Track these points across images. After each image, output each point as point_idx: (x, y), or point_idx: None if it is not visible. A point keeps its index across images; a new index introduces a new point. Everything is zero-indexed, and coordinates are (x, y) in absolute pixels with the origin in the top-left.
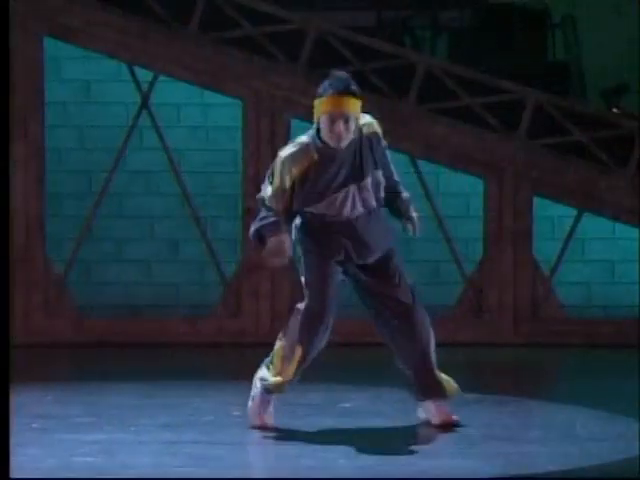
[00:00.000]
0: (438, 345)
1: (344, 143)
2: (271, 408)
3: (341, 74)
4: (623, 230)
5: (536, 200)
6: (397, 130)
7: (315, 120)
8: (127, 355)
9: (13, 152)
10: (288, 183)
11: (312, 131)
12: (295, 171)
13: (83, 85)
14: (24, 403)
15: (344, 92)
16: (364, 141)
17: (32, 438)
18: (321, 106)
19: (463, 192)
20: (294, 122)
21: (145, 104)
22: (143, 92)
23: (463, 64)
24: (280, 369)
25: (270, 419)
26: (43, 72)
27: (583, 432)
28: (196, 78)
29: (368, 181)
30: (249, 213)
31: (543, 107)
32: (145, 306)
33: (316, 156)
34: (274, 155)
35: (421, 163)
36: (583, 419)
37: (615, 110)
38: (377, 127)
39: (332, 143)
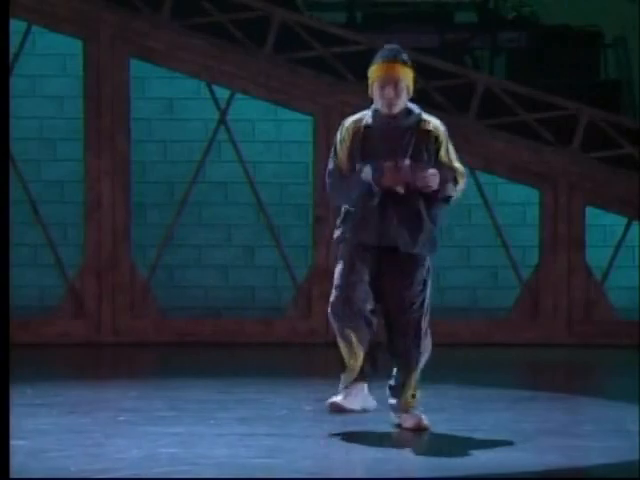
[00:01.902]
0: (497, 345)
1: (395, 109)
2: (353, 396)
3: (392, 45)
4: None
5: (589, 210)
6: (458, 144)
7: (369, 91)
8: (206, 353)
9: (101, 166)
10: (346, 152)
11: (372, 108)
12: (347, 136)
13: (166, 103)
14: (110, 398)
15: (392, 59)
16: (420, 132)
17: (118, 430)
18: (372, 74)
19: (520, 202)
20: None
21: (223, 120)
22: (221, 109)
23: (520, 82)
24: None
25: (351, 403)
26: (129, 91)
27: (632, 427)
28: (270, 96)
29: (414, 161)
30: (319, 221)
31: (595, 122)
32: (223, 308)
33: (369, 122)
34: None
35: (480, 175)
36: (632, 415)
37: None
38: (440, 130)
39: (383, 109)
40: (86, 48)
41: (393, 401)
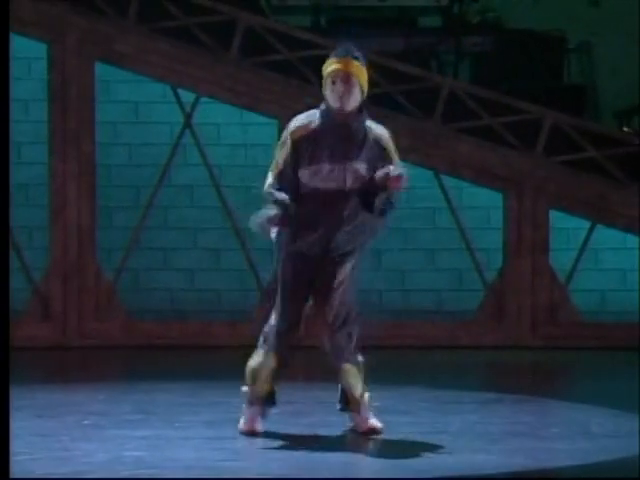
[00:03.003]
0: (462, 348)
1: (345, 104)
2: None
3: (347, 43)
4: (634, 241)
5: (552, 213)
6: (423, 148)
7: (323, 88)
8: (173, 356)
9: (67, 169)
10: (286, 157)
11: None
12: (291, 140)
13: (132, 106)
14: (78, 401)
15: (345, 56)
16: (369, 137)
17: (85, 434)
18: (325, 70)
19: (484, 205)
20: None
21: (188, 124)
22: (186, 112)
23: (485, 86)
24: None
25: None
26: (95, 94)
27: (598, 429)
28: (236, 99)
29: (361, 166)
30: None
31: (559, 126)
32: (189, 311)
33: (317, 124)
34: None
35: (445, 178)
36: (598, 417)
37: (627, 129)
38: (388, 140)
39: (333, 103)
40: (51, 51)
41: (340, 405)
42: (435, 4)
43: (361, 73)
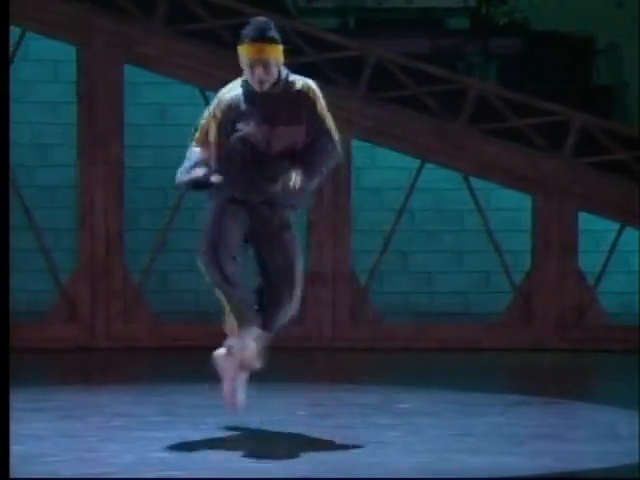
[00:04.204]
0: (489, 350)
1: (265, 86)
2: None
3: (260, 20)
4: None
5: (581, 215)
6: (450, 149)
7: (240, 64)
8: (198, 358)
9: (95, 171)
10: (213, 126)
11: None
12: (222, 105)
13: (159, 108)
14: (104, 403)
15: (260, 39)
16: (292, 94)
17: (111, 435)
18: (241, 52)
19: (512, 207)
20: (354, 142)
21: None
22: None
23: (512, 88)
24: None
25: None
26: (123, 97)
27: (624, 432)
28: None
29: (285, 129)
30: (312, 226)
31: (587, 128)
32: (215, 313)
33: (239, 94)
34: (335, 172)
35: (473, 180)
36: (624, 419)
37: None
38: (311, 89)
39: (255, 86)
40: (80, 54)
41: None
42: (462, 5)
43: (277, 52)
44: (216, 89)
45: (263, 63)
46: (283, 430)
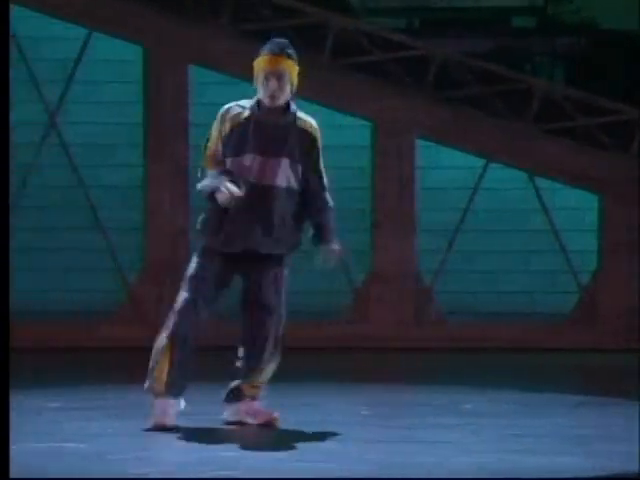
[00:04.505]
0: (554, 350)
1: (277, 101)
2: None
3: (279, 39)
4: None
5: None
6: (515, 149)
7: (254, 80)
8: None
9: (161, 171)
10: (221, 137)
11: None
12: (227, 125)
13: None
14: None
15: (279, 53)
16: (297, 130)
17: (176, 434)
18: (257, 65)
19: (578, 207)
20: (419, 141)
21: None
22: None
23: (578, 87)
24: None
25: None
26: (188, 96)
27: None
28: (328, 101)
29: (285, 162)
30: (377, 226)
31: None
32: None
33: (247, 114)
34: (400, 172)
35: (538, 180)
36: None
37: None
38: (316, 131)
39: (266, 101)
40: (146, 54)
41: (234, 384)
42: (529, 4)
43: (293, 70)
44: None
45: (278, 76)
46: (346, 430)
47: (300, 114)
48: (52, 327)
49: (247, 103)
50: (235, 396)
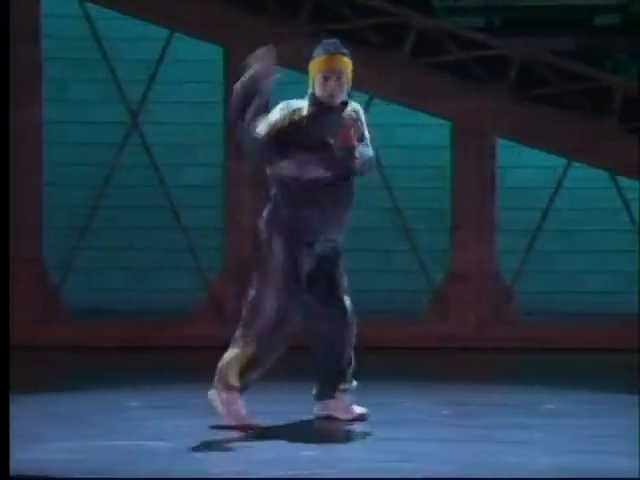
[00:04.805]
0: (635, 351)
1: (336, 100)
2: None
3: (331, 40)
4: None
5: None
6: (597, 148)
7: (310, 82)
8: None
9: (241, 171)
10: (278, 130)
11: (307, 98)
12: (288, 120)
13: None
14: (249, 400)
15: (335, 52)
16: (349, 114)
17: (257, 432)
18: (315, 66)
19: None
20: (499, 141)
21: None
22: None
23: None
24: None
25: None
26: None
27: None
28: (408, 100)
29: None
30: (457, 226)
31: None
32: (360, 312)
33: (308, 111)
34: (480, 172)
35: (620, 179)
36: None
37: None
38: (358, 111)
39: (325, 100)
40: (227, 54)
41: (324, 380)
42: (612, 3)
43: (349, 68)
44: (361, 88)
45: (337, 75)
46: (427, 429)
47: (352, 102)
48: (133, 326)
49: (301, 102)
50: (325, 392)
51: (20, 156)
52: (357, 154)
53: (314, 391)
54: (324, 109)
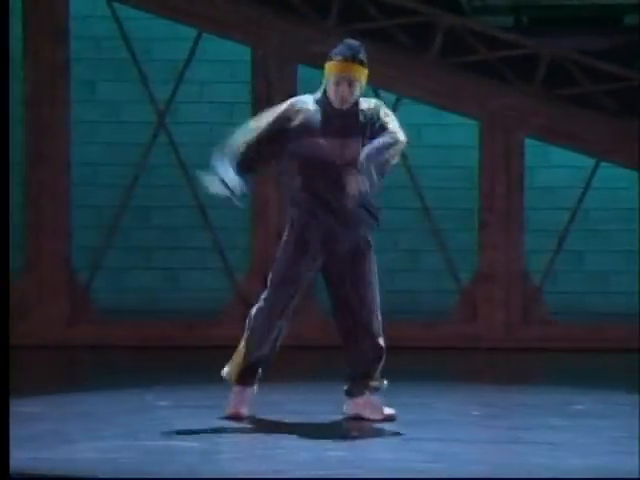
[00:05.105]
0: None
1: (346, 105)
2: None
3: (352, 42)
4: None
5: None
6: (627, 148)
7: (324, 81)
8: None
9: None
10: (277, 125)
11: (319, 92)
12: (293, 111)
13: None
14: (277, 401)
15: (350, 58)
16: (360, 110)
17: (287, 432)
18: (329, 68)
19: None
20: (527, 141)
21: None
22: None
23: None
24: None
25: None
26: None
27: None
28: (435, 100)
29: (354, 141)
30: (485, 226)
31: None
32: (386, 312)
33: (314, 107)
34: (508, 172)
35: None
36: None
37: None
38: (378, 105)
39: (336, 104)
40: (255, 54)
41: (353, 379)
42: None
43: (363, 74)
44: (389, 88)
45: (349, 81)
46: (456, 430)
47: (361, 100)
48: (160, 326)
49: (311, 96)
50: (354, 390)
51: (49, 156)
52: (369, 180)
53: (345, 388)
54: (333, 109)
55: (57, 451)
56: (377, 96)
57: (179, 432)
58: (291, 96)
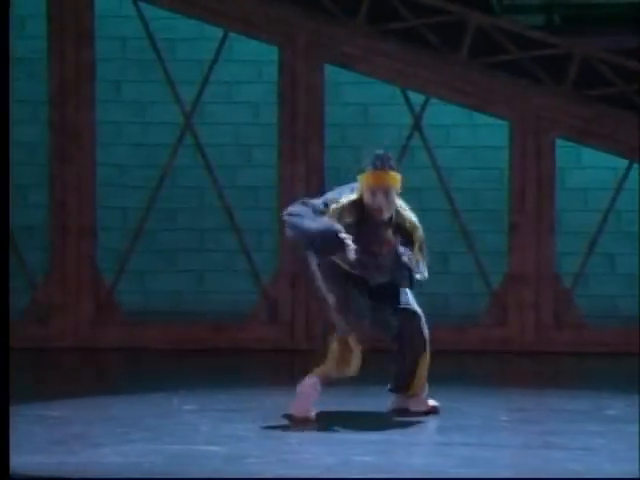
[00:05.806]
0: None
1: (386, 214)
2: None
3: (380, 152)
4: None
5: None
6: None
7: (360, 192)
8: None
9: (295, 171)
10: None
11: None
12: (347, 219)
13: (360, 108)
14: None
15: (382, 168)
16: (396, 219)
17: (314, 437)
18: (363, 180)
19: None
20: (559, 142)
21: (417, 125)
22: (415, 114)
23: None
24: None
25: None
26: (324, 96)
27: None
28: (465, 100)
29: (394, 243)
30: (515, 228)
31: None
32: None
33: (353, 216)
34: (539, 173)
35: None
36: None
37: None
38: (414, 227)
39: (375, 213)
40: (281, 54)
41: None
42: None
43: (397, 181)
44: (418, 88)
45: (385, 190)
46: (487, 435)
47: (400, 207)
48: (186, 328)
49: (352, 201)
50: (401, 385)
51: (74, 157)
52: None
53: (389, 386)
54: (372, 218)
55: (83, 455)
56: (405, 97)
57: (204, 436)
58: (317, 96)
